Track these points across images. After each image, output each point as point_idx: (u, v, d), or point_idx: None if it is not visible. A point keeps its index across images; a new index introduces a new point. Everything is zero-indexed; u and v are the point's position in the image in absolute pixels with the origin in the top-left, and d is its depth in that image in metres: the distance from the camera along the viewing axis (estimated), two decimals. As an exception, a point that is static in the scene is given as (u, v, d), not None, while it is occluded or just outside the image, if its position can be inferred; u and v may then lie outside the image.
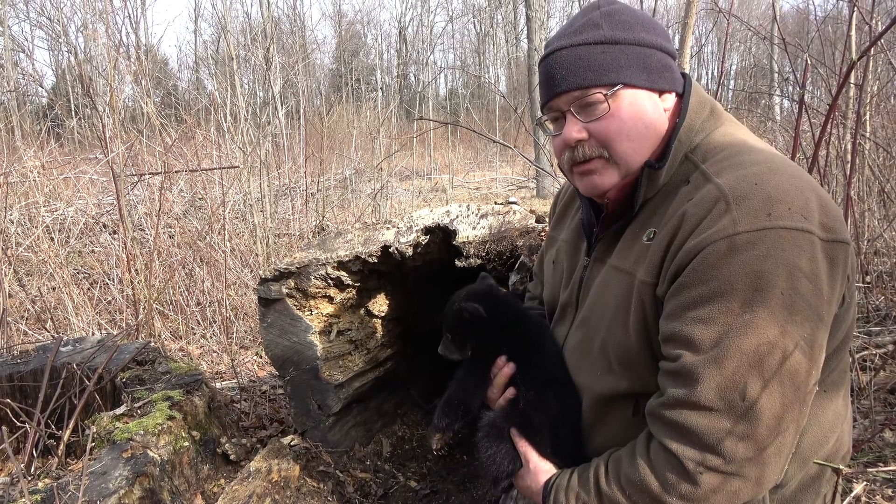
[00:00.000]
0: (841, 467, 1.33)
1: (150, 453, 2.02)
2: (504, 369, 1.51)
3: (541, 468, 1.35)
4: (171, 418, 2.22)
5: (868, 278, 3.82)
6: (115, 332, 3.92)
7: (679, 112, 1.31)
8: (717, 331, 1.08)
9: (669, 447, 1.11)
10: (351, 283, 2.53)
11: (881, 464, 2.37)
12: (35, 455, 2.26)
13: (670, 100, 1.31)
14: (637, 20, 1.29)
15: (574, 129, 1.29)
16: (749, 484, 1.08)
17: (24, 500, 1.70)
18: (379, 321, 2.78)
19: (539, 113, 1.41)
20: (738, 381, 1.06)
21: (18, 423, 2.25)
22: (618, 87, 1.24)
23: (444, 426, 1.55)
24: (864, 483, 2.21)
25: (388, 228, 2.50)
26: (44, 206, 5.38)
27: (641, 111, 1.27)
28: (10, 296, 4.35)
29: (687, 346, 1.11)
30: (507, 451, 1.42)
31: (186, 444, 2.20)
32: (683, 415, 1.10)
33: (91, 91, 5.41)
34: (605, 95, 1.24)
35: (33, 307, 4.48)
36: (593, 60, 1.25)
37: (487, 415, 1.50)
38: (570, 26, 1.31)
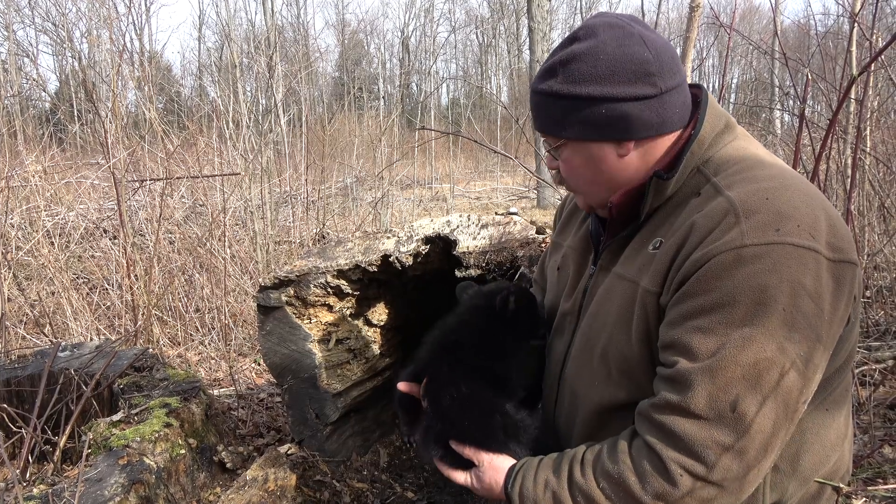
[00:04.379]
0: (841, 486, 1.32)
1: (147, 460, 2.01)
2: (399, 385, 1.55)
3: (498, 460, 1.33)
4: (167, 425, 2.21)
5: (868, 293, 3.82)
6: (113, 338, 3.91)
7: (695, 124, 1.30)
8: (715, 341, 1.08)
9: (654, 447, 1.11)
10: (350, 291, 2.53)
11: (881, 480, 2.36)
12: (31, 461, 2.25)
13: (628, 147, 1.27)
14: (595, 71, 1.22)
15: (550, 161, 1.40)
16: (726, 494, 1.09)
17: (18, 506, 1.69)
18: (378, 330, 2.77)
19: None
20: (730, 393, 1.06)
21: (15, 429, 2.24)
22: (562, 142, 1.31)
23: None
24: (864, 500, 2.20)
25: (388, 237, 2.50)
26: (45, 211, 5.38)
27: (590, 162, 1.30)
28: (8, 300, 4.35)
29: (684, 354, 1.11)
30: (453, 454, 1.39)
31: (183, 451, 2.19)
32: (672, 419, 1.10)
33: (94, 96, 5.42)
34: (556, 145, 1.32)
35: (32, 312, 4.48)
36: (546, 110, 1.31)
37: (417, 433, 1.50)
38: (546, 62, 1.33)
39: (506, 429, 1.38)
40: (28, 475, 2.15)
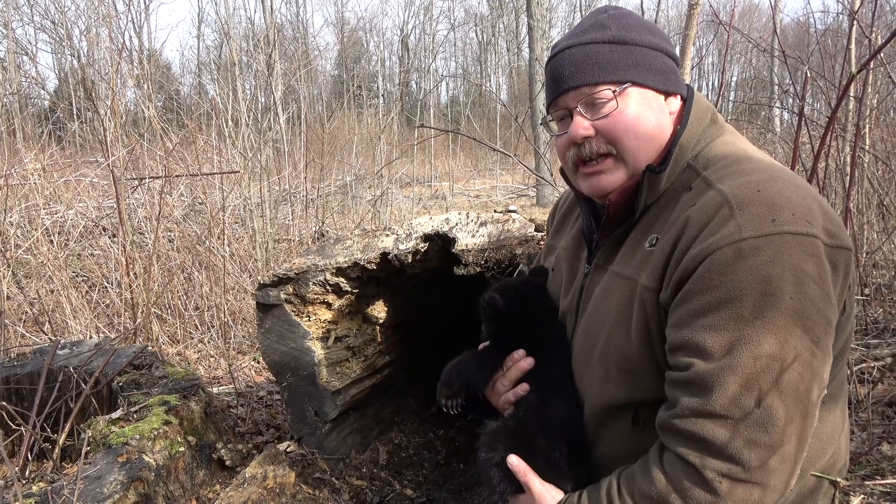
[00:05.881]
0: (838, 480, 1.32)
1: (146, 458, 2.01)
2: (521, 363, 1.49)
3: (545, 495, 1.30)
4: (167, 423, 2.21)
5: (867, 291, 3.82)
6: (112, 336, 3.91)
7: (682, 119, 1.33)
8: (728, 338, 1.07)
9: (686, 457, 1.09)
10: (349, 289, 2.53)
11: (878, 477, 2.36)
12: (30, 458, 2.25)
13: (675, 103, 1.34)
14: (643, 25, 1.33)
15: (581, 126, 1.30)
16: (767, 491, 1.07)
17: (18, 503, 1.70)
18: (377, 328, 2.77)
19: (541, 119, 1.42)
20: (752, 388, 1.05)
21: (14, 426, 2.25)
22: (626, 85, 1.27)
23: (448, 381, 1.55)
24: (862, 496, 2.20)
25: (387, 235, 2.50)
26: (44, 209, 5.38)
27: (648, 111, 1.29)
28: (8, 298, 4.35)
29: (698, 355, 1.10)
30: (507, 468, 1.38)
31: (182, 449, 2.19)
32: (699, 424, 1.08)
33: (93, 94, 5.43)
34: (614, 92, 1.27)
35: (31, 310, 4.48)
36: (602, 58, 1.27)
37: (490, 424, 1.47)
38: (578, 28, 1.35)
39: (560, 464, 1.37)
40: (27, 473, 2.15)
